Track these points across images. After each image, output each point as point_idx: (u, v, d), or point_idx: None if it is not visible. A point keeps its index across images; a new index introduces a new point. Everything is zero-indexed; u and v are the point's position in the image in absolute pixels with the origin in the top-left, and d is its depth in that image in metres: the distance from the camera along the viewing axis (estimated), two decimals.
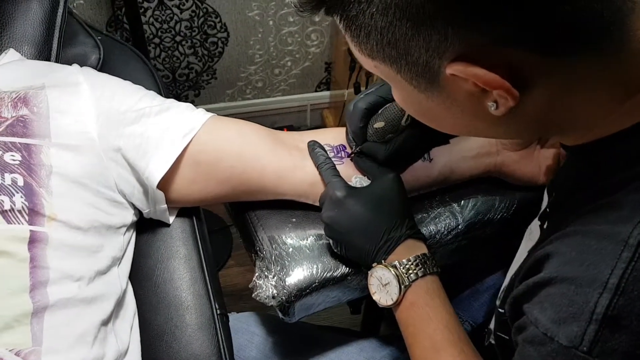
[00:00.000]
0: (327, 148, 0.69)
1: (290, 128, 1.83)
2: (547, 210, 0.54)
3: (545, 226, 0.53)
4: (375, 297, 0.63)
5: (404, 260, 0.60)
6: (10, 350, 0.48)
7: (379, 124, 0.65)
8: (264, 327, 0.83)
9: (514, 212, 0.75)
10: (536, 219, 0.57)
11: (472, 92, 0.41)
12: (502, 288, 0.59)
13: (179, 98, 1.70)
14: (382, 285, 0.61)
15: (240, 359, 0.79)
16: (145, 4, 1.45)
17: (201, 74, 1.65)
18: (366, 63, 0.46)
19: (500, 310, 0.54)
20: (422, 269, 0.60)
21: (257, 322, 0.84)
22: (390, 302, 0.61)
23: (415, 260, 0.60)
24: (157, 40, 1.54)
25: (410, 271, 0.60)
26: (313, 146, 0.69)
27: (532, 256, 0.47)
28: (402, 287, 0.59)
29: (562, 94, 0.41)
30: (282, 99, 1.79)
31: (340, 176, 0.66)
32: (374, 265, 0.62)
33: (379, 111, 0.66)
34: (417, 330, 0.59)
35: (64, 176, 0.58)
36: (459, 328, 0.59)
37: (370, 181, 0.67)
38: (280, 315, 0.69)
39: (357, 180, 0.68)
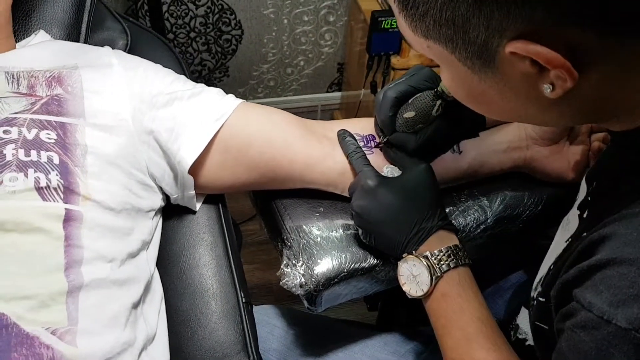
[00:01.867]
0: (356, 137, 0.69)
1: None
2: (588, 198, 0.53)
3: (585, 215, 0.53)
4: (405, 288, 0.62)
5: (435, 251, 0.59)
6: (46, 329, 0.47)
7: (409, 114, 0.64)
8: (284, 319, 0.82)
9: (543, 208, 0.74)
10: (574, 208, 0.56)
11: (528, 74, 0.41)
12: (538, 279, 0.58)
13: None
14: (413, 276, 0.61)
15: (262, 351, 0.78)
16: None
17: (214, 71, 1.65)
18: (418, 44, 0.45)
19: (541, 299, 0.53)
20: (454, 260, 0.59)
21: (277, 315, 0.84)
22: (420, 293, 0.60)
23: (447, 252, 0.60)
24: (171, 35, 1.54)
25: (442, 262, 0.59)
26: (343, 135, 0.68)
27: (579, 242, 0.46)
28: (434, 277, 0.59)
29: (619, 76, 0.41)
30: (294, 98, 1.79)
31: (371, 165, 0.65)
32: (404, 255, 0.61)
33: (409, 101, 0.65)
34: (448, 322, 0.59)
35: (99, 156, 0.57)
36: (492, 321, 0.59)
37: (401, 172, 0.67)
38: (306, 304, 0.69)
39: (389, 170, 0.68)
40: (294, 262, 0.68)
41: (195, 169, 0.65)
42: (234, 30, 1.57)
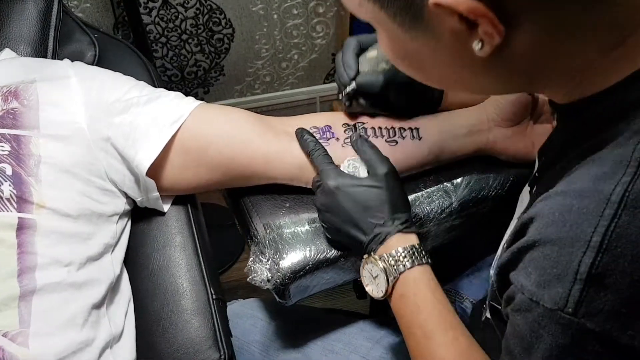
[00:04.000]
0: (313, 131, 0.69)
1: None
2: (536, 174, 0.53)
3: (533, 191, 0.52)
4: (367, 289, 0.63)
5: (392, 252, 0.59)
6: None
7: (371, 53, 0.66)
8: (267, 311, 0.84)
9: (509, 188, 0.74)
10: (527, 185, 0.55)
11: (457, 30, 0.40)
12: (495, 259, 0.58)
13: (188, 96, 1.72)
14: (373, 277, 0.61)
15: (245, 343, 0.80)
16: (150, 4, 1.47)
17: (209, 71, 1.67)
18: (351, 3, 0.45)
19: (492, 279, 0.53)
20: (411, 260, 0.59)
21: (261, 307, 0.86)
22: (380, 294, 0.61)
23: (404, 252, 0.59)
24: (163, 39, 1.56)
25: (399, 263, 0.59)
26: (301, 133, 0.68)
27: (518, 222, 0.46)
28: (390, 279, 0.59)
29: (549, 37, 0.40)
30: (291, 92, 1.80)
31: (332, 163, 0.66)
32: (365, 257, 0.62)
33: (372, 45, 0.67)
34: (408, 322, 0.59)
35: (53, 165, 0.59)
36: (451, 315, 0.58)
37: (362, 163, 0.67)
38: (277, 298, 0.70)
39: (350, 163, 0.67)
40: (260, 257, 0.70)
41: (156, 171, 0.67)
42: (225, 29, 1.59)
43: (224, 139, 0.68)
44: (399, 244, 0.60)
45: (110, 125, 0.64)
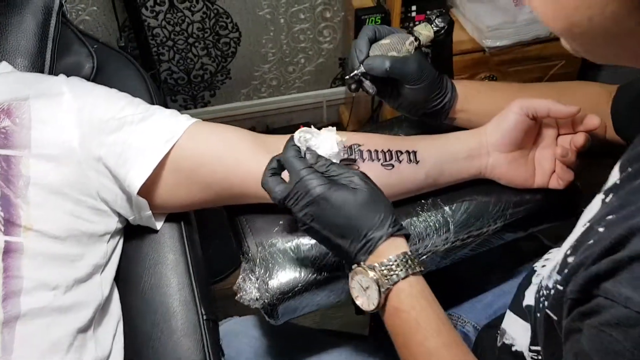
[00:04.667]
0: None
1: (307, 125, 1.81)
2: (617, 182, 0.48)
3: (608, 199, 0.48)
4: (358, 302, 0.59)
5: (384, 261, 0.55)
6: None
7: (385, 40, 0.69)
8: (262, 330, 0.83)
9: (510, 214, 0.72)
10: (600, 193, 0.50)
11: None
12: (552, 266, 0.52)
13: (195, 99, 1.72)
14: (363, 288, 0.58)
15: None
16: (157, 8, 1.46)
17: (215, 74, 1.67)
18: None
19: (559, 287, 0.48)
20: (404, 270, 0.55)
21: (256, 326, 0.85)
22: (372, 307, 0.57)
23: (396, 261, 0.56)
24: (170, 43, 1.56)
25: (392, 272, 0.55)
26: (288, 142, 0.63)
27: (604, 226, 0.43)
28: (382, 291, 0.55)
29: None
30: (298, 96, 1.79)
31: (312, 168, 0.59)
32: (354, 267, 0.58)
33: (388, 35, 0.69)
34: (407, 339, 0.55)
35: (42, 186, 0.59)
36: (451, 331, 0.55)
37: (312, 133, 0.64)
38: (265, 317, 0.69)
39: (301, 135, 0.63)
40: (250, 276, 0.69)
41: (148, 190, 0.66)
42: (231, 33, 1.58)
43: (218, 158, 0.67)
44: (390, 252, 0.56)
45: (102, 144, 0.64)
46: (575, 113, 0.65)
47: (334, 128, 0.67)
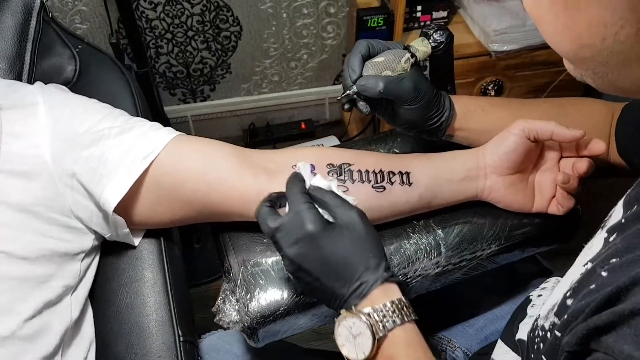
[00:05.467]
0: (293, 169, 0.64)
1: (309, 122, 1.78)
2: (622, 221, 0.45)
3: (612, 238, 0.45)
4: (343, 351, 0.53)
5: (379, 306, 0.51)
6: None
7: (378, 58, 0.65)
8: (245, 346, 0.81)
9: (506, 238, 0.68)
10: (603, 230, 0.48)
11: None
12: (549, 306, 0.50)
13: (194, 93, 1.68)
14: (353, 336, 0.52)
15: None
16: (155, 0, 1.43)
17: (215, 68, 1.63)
18: None
19: (557, 333, 0.45)
20: (400, 316, 0.51)
21: (239, 341, 0.82)
22: (362, 356, 0.51)
23: (392, 306, 0.52)
24: (169, 35, 1.52)
25: (386, 319, 0.51)
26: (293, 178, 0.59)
27: (605, 269, 0.40)
28: (377, 338, 0.51)
29: None
30: (300, 92, 1.74)
31: (311, 203, 0.56)
32: (341, 312, 0.53)
33: (382, 52, 0.66)
34: None
35: (10, 205, 0.56)
36: None
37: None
38: (246, 338, 0.67)
39: (301, 165, 0.59)
40: (230, 297, 0.66)
41: (126, 207, 0.63)
42: (232, 27, 1.54)
43: (199, 175, 0.64)
44: (385, 298, 0.52)
45: (77, 159, 0.60)
46: (579, 137, 0.61)
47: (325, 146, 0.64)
